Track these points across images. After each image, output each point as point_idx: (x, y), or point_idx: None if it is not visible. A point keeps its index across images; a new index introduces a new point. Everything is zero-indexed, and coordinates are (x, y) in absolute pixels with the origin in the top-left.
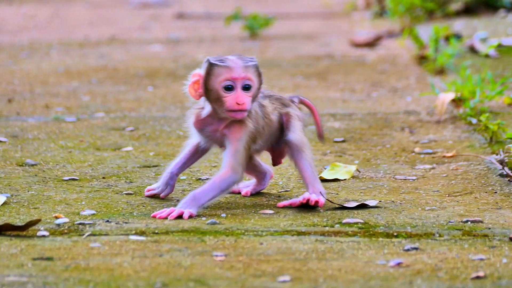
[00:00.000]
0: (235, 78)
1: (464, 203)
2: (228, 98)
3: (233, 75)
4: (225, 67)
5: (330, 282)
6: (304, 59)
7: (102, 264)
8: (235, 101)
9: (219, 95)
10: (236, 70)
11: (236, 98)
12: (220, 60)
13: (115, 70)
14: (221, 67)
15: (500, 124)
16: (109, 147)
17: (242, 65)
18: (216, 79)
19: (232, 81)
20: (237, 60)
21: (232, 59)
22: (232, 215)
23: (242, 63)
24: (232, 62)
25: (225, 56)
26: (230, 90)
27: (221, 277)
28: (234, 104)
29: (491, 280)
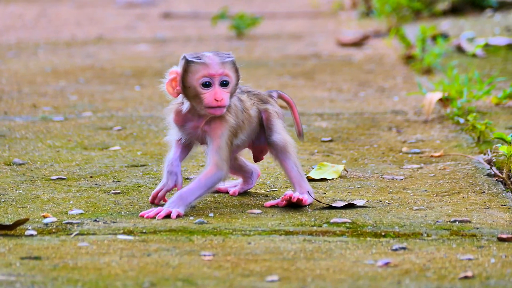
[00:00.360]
0: (213, 75)
1: (452, 203)
2: (206, 95)
3: (210, 72)
4: (202, 64)
5: (318, 282)
6: (291, 59)
7: (90, 263)
8: (213, 97)
9: (197, 92)
10: (213, 66)
11: (215, 95)
12: (197, 56)
13: (102, 70)
14: (198, 64)
15: (487, 123)
16: (97, 147)
17: (219, 61)
18: (193, 76)
19: (209, 78)
20: (214, 57)
21: (209, 55)
22: (220, 215)
23: (219, 59)
24: (209, 59)
25: (202, 53)
26: (208, 87)
27: (209, 277)
28: (212, 101)
29: (479, 280)
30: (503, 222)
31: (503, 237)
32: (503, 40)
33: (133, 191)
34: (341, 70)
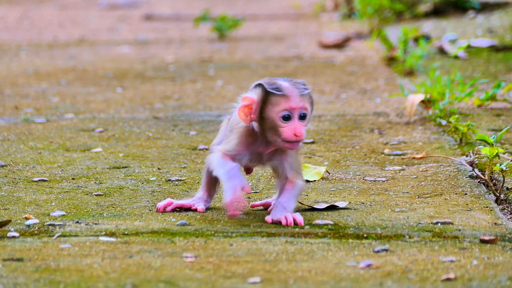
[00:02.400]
0: (293, 108)
1: (434, 204)
2: (285, 129)
3: (291, 105)
4: (283, 96)
5: (300, 284)
6: (273, 60)
7: (72, 265)
8: (293, 132)
9: (275, 124)
10: (294, 99)
11: (294, 130)
12: (276, 87)
13: (84, 71)
14: (279, 96)
15: (469, 125)
16: (79, 148)
17: (298, 93)
18: (273, 108)
19: (289, 111)
20: (293, 88)
21: (287, 86)
22: (201, 216)
23: (298, 91)
24: (289, 91)
25: (277, 81)
26: (288, 120)
27: (191, 278)
28: (292, 136)
29: (462, 282)
30: (485, 224)
31: (486, 239)
32: (485, 42)
33: (115, 192)
34: (323, 72)
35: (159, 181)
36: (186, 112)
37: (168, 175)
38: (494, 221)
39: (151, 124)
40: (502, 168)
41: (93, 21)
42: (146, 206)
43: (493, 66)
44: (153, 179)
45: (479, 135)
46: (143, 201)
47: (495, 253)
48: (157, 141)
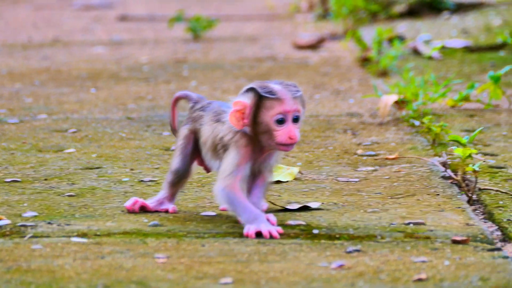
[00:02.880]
0: (287, 111)
1: (406, 205)
2: (280, 133)
3: (286, 109)
4: (277, 100)
5: (272, 284)
6: (247, 61)
7: (44, 266)
8: (288, 135)
9: (269, 128)
10: (288, 102)
11: (289, 133)
12: (269, 91)
13: (58, 72)
14: (273, 100)
15: (443, 126)
16: (52, 149)
17: (291, 96)
18: (267, 112)
19: (284, 115)
20: (286, 91)
21: (280, 89)
22: (174, 217)
23: (291, 94)
24: (282, 94)
25: (269, 84)
26: (282, 123)
27: (163, 279)
28: (286, 139)
29: (433, 282)
30: (457, 224)
31: (457, 239)
32: (459, 43)
33: (87, 193)
34: (297, 72)
35: (132, 182)
36: (159, 113)
37: (141, 175)
38: (466, 221)
39: (125, 125)
40: (475, 169)
41: (67, 21)
42: (119, 207)
43: (467, 67)
44: (126, 179)
45: (452, 136)
46: (115, 202)
47: (466, 253)
48: (130, 142)
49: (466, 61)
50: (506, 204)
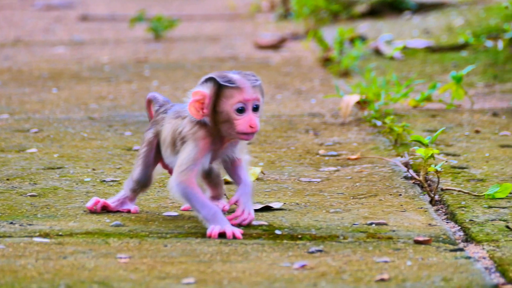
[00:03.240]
0: (247, 100)
1: (368, 205)
2: (240, 121)
3: (245, 97)
4: (236, 89)
5: (234, 284)
6: (208, 61)
7: (6, 265)
8: (248, 124)
9: (229, 117)
10: (247, 91)
11: (250, 121)
12: (228, 80)
13: (20, 72)
14: (232, 89)
15: (405, 126)
16: (13, 149)
17: (250, 85)
18: (227, 101)
19: (244, 103)
20: (245, 80)
21: (238, 78)
22: (136, 217)
23: (250, 83)
24: (242, 83)
25: (227, 74)
26: (242, 112)
27: (125, 279)
28: (247, 127)
29: (396, 282)
30: (419, 224)
31: (420, 239)
32: (421, 43)
33: (49, 193)
34: (259, 72)
35: (93, 182)
36: (121, 113)
37: (102, 176)
38: (428, 222)
39: (86, 125)
40: (437, 169)
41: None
42: (81, 207)
43: (429, 67)
44: (88, 179)
45: (414, 136)
46: (77, 202)
47: (429, 254)
48: (92, 142)
49: (428, 61)
50: (469, 204)
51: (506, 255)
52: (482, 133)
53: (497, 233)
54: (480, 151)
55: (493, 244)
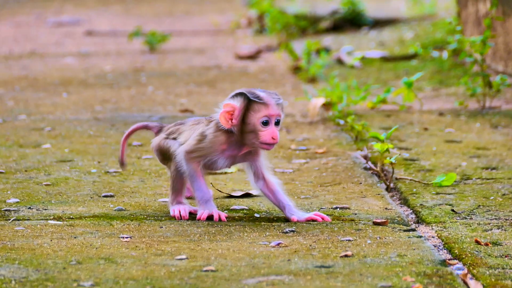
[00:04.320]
0: (272, 115)
1: (333, 192)
2: (264, 133)
3: (271, 112)
4: (264, 104)
5: (220, 260)
6: (196, 70)
7: (26, 244)
8: (271, 136)
9: (256, 129)
10: (272, 107)
11: (272, 133)
12: (257, 97)
13: (35, 80)
14: (260, 104)
15: (364, 124)
16: (30, 145)
17: (275, 102)
18: (255, 115)
19: (268, 117)
20: (270, 98)
21: (265, 95)
22: (135, 203)
23: (275, 100)
24: (268, 100)
25: (256, 91)
26: (266, 125)
27: (127, 256)
28: (269, 139)
29: (358, 258)
30: (377, 208)
31: (378, 221)
32: (377, 53)
33: (61, 182)
34: (239, 79)
35: (99, 173)
36: (122, 114)
37: (107, 167)
38: (385, 206)
39: (92, 124)
40: (392, 161)
41: (42, 36)
42: (88, 194)
43: (384, 74)
44: (94, 171)
45: (372, 133)
46: (85, 189)
47: (386, 233)
48: (97, 139)
49: (383, 69)
50: (419, 191)
51: (452, 235)
52: (430, 130)
53: (444, 216)
54: (428, 145)
55: (441, 225)
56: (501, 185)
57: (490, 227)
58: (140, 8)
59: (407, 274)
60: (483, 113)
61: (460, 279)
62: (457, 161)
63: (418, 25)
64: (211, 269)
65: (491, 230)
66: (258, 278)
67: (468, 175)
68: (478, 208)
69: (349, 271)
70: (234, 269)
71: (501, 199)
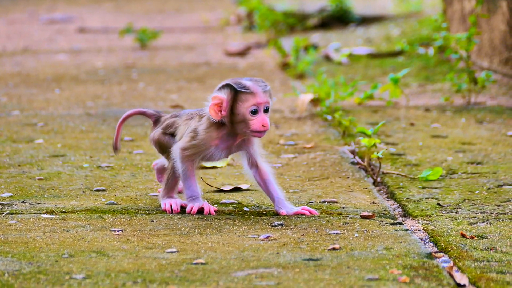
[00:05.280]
0: (260, 103)
1: (321, 186)
2: (254, 121)
3: (258, 101)
4: (251, 93)
5: (210, 253)
6: (186, 66)
7: (19, 238)
8: (261, 123)
9: (245, 118)
10: (260, 95)
11: (262, 121)
12: (244, 86)
13: (28, 76)
14: (247, 94)
15: (351, 120)
16: (24, 140)
17: (262, 90)
18: (243, 105)
19: (257, 106)
20: (257, 86)
21: (252, 84)
22: (127, 197)
23: (261, 88)
24: (255, 88)
25: (242, 81)
26: (255, 114)
27: (118, 249)
28: (260, 126)
29: (345, 251)
30: (364, 202)
31: (365, 215)
32: (364, 50)
33: (54, 177)
34: (228, 75)
35: (91, 167)
36: (113, 109)
37: (98, 162)
38: (372, 200)
39: (84, 120)
40: (379, 156)
41: (35, 33)
42: (81, 188)
43: (371, 70)
44: (86, 165)
45: (359, 128)
46: (78, 184)
47: (373, 227)
48: (89, 134)
49: (370, 66)
50: (406, 185)
51: (437, 228)
52: (416, 125)
53: (430, 210)
54: (414, 140)
55: (427, 218)
56: (486, 179)
57: (475, 221)
58: (131, 6)
59: (394, 266)
60: (468, 109)
61: (446, 272)
62: (443, 155)
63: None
64: (201, 262)
65: (476, 224)
66: (248, 271)
67: (454, 169)
68: (464, 202)
69: (336, 264)
70: (224, 262)
71: (486, 193)
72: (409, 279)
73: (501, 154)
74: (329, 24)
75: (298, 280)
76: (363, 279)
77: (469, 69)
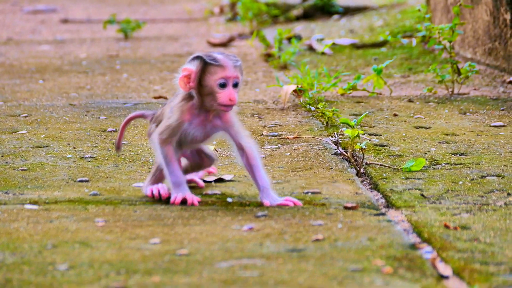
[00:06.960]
0: (228, 77)
1: (305, 177)
2: (221, 94)
3: (227, 74)
4: (220, 66)
5: (193, 244)
6: (169, 57)
7: (2, 228)
8: (228, 97)
9: (213, 91)
10: (229, 69)
11: (229, 95)
12: (213, 58)
13: (11, 66)
14: (216, 66)
15: (334, 111)
16: (7, 131)
17: (232, 64)
18: (211, 77)
19: (225, 79)
20: (228, 60)
21: (222, 58)
22: (110, 188)
23: (232, 62)
24: (225, 62)
25: (213, 54)
26: (223, 87)
27: (102, 240)
28: (227, 100)
29: (329, 242)
30: (348, 193)
31: (348, 205)
32: (347, 41)
33: (37, 168)
34: None
35: (74, 158)
36: (97, 100)
37: (82, 153)
38: (355, 191)
39: (68, 110)
40: (362, 146)
41: (18, 24)
42: (64, 179)
43: (354, 61)
44: (70, 156)
45: (342, 119)
46: (61, 175)
47: (356, 218)
48: (73, 125)
49: (353, 56)
50: (389, 176)
51: (421, 219)
52: (399, 116)
53: (413, 200)
54: (398, 131)
55: (410, 209)
56: (470, 170)
57: (458, 212)
58: None
59: (377, 257)
60: (451, 100)
61: (430, 263)
62: (426, 146)
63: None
64: (184, 252)
65: (459, 215)
66: (231, 262)
67: (437, 160)
68: (447, 192)
69: (320, 255)
70: (207, 252)
71: (470, 184)
72: (392, 270)
73: (485, 145)
74: (313, 15)
75: (281, 271)
76: (347, 270)
77: (452, 60)
